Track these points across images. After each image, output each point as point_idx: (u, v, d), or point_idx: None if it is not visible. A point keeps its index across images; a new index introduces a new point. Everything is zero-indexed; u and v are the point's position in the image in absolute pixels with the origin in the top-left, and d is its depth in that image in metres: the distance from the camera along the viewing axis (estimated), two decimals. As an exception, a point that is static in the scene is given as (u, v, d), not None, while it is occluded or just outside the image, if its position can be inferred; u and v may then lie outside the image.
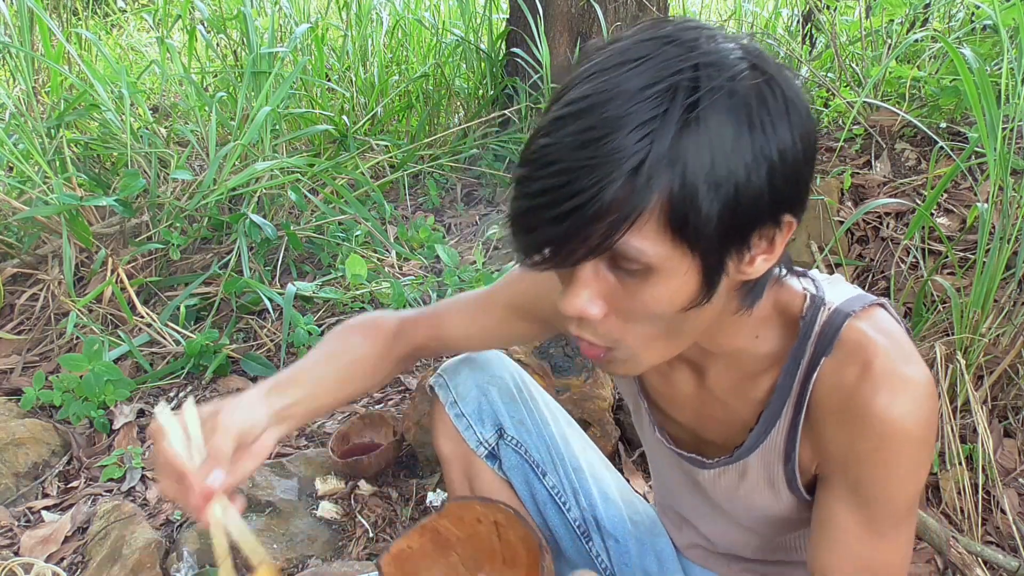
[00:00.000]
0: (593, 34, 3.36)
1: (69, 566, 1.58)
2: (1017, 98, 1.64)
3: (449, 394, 1.15)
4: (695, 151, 0.62)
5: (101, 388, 2.00)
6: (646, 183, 0.61)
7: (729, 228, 0.65)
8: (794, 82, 0.68)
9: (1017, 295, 1.68)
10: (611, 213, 0.62)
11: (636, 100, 0.62)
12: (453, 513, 0.94)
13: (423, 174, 3.34)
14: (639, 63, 0.64)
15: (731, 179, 0.63)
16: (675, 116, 0.61)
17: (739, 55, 0.65)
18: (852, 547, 0.81)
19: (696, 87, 0.62)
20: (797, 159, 0.66)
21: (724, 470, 0.92)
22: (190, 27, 3.38)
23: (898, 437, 0.75)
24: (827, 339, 0.79)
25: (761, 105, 0.64)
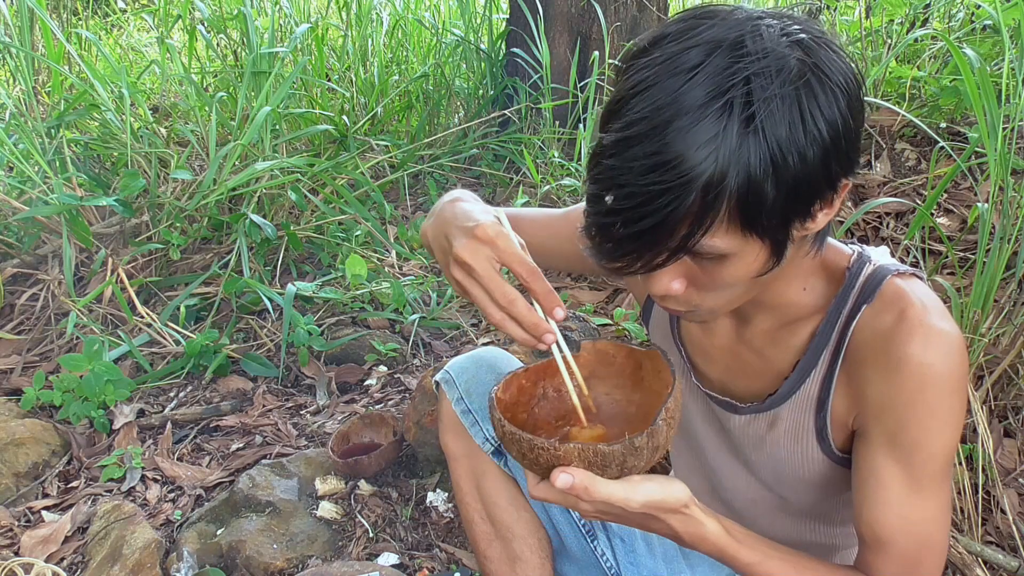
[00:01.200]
0: (593, 34, 3.36)
1: (69, 566, 1.58)
2: (1017, 98, 1.63)
3: (455, 390, 1.15)
4: (756, 156, 0.66)
5: (101, 388, 2.00)
6: (715, 196, 0.67)
7: (792, 208, 0.71)
8: (835, 58, 0.72)
9: (1017, 295, 1.67)
10: (684, 227, 0.69)
11: (696, 119, 0.66)
12: (655, 361, 0.89)
13: (423, 174, 3.34)
14: (693, 75, 0.67)
15: (789, 170, 0.68)
16: (734, 131, 0.66)
17: (785, 49, 0.69)
18: (895, 502, 0.85)
19: (750, 100, 0.66)
20: (847, 129, 0.71)
21: (755, 417, 0.96)
22: (190, 27, 3.38)
23: (932, 382, 0.80)
24: (870, 290, 0.85)
25: (811, 98, 0.68)
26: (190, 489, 1.79)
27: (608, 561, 1.13)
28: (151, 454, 1.90)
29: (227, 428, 2.00)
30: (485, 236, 0.78)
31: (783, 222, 0.72)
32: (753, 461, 1.00)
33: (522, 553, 1.13)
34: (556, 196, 2.86)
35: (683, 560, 1.15)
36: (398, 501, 1.71)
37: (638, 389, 0.91)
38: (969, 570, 1.36)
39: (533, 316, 0.77)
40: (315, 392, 2.14)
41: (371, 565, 1.47)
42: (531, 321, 0.77)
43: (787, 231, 0.73)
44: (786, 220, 0.72)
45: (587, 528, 1.14)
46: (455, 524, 1.63)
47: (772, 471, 0.98)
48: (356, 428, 1.84)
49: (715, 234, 0.70)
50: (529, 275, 0.78)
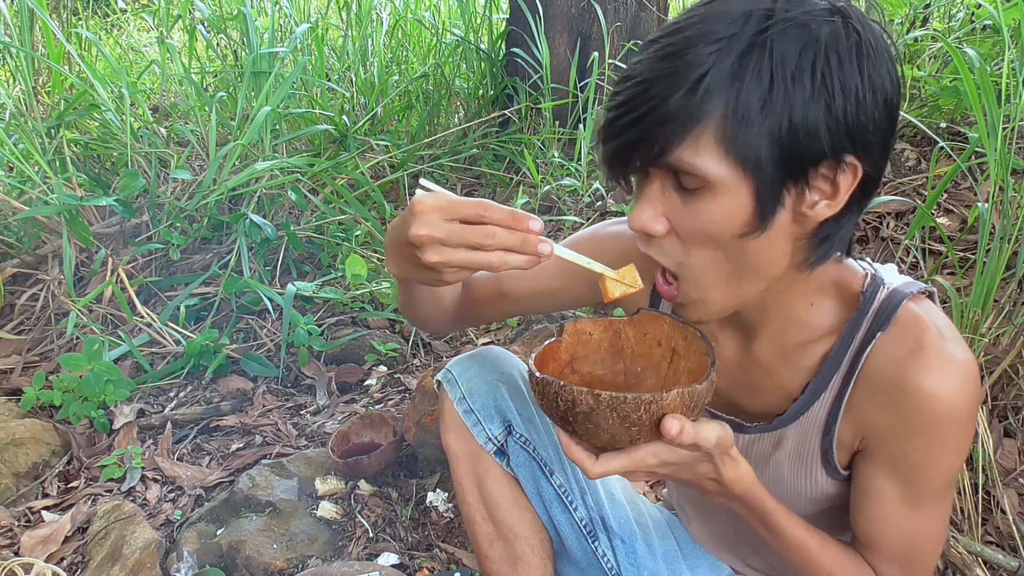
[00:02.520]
0: (593, 34, 3.36)
1: (69, 566, 1.58)
2: (1017, 98, 1.63)
3: (458, 390, 1.15)
4: (755, 73, 0.66)
5: (101, 388, 2.00)
6: (705, 94, 0.67)
7: (783, 155, 0.69)
8: (879, 35, 0.71)
9: (1017, 295, 1.68)
10: (673, 120, 0.68)
11: (717, 22, 0.67)
12: (642, 324, 0.91)
13: (423, 174, 3.34)
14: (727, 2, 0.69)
15: (787, 106, 0.67)
16: (744, 37, 0.66)
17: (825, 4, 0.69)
18: (892, 517, 0.85)
19: (771, 15, 0.67)
20: (864, 102, 0.69)
21: (760, 437, 0.94)
22: (190, 27, 3.38)
23: (943, 415, 0.79)
24: (885, 316, 0.83)
25: (832, 42, 0.67)
26: (190, 489, 1.79)
27: (609, 562, 1.13)
28: (151, 454, 1.90)
29: (227, 428, 2.00)
30: (425, 207, 0.75)
31: (772, 168, 0.69)
32: None
33: (524, 554, 1.13)
34: (556, 196, 2.86)
35: (683, 560, 1.15)
36: (398, 501, 1.71)
37: (620, 358, 0.92)
38: (969, 570, 1.36)
39: (517, 235, 0.75)
40: (315, 392, 2.14)
41: (371, 565, 1.47)
42: (518, 240, 0.75)
43: (776, 185, 0.70)
44: (776, 167, 0.69)
45: (588, 529, 1.14)
46: (455, 524, 1.63)
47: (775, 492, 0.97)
48: (356, 428, 1.84)
49: (699, 145, 0.69)
50: (484, 209, 0.75)
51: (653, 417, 0.74)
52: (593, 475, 0.77)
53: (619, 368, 0.91)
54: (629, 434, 0.75)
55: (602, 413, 0.73)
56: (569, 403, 0.74)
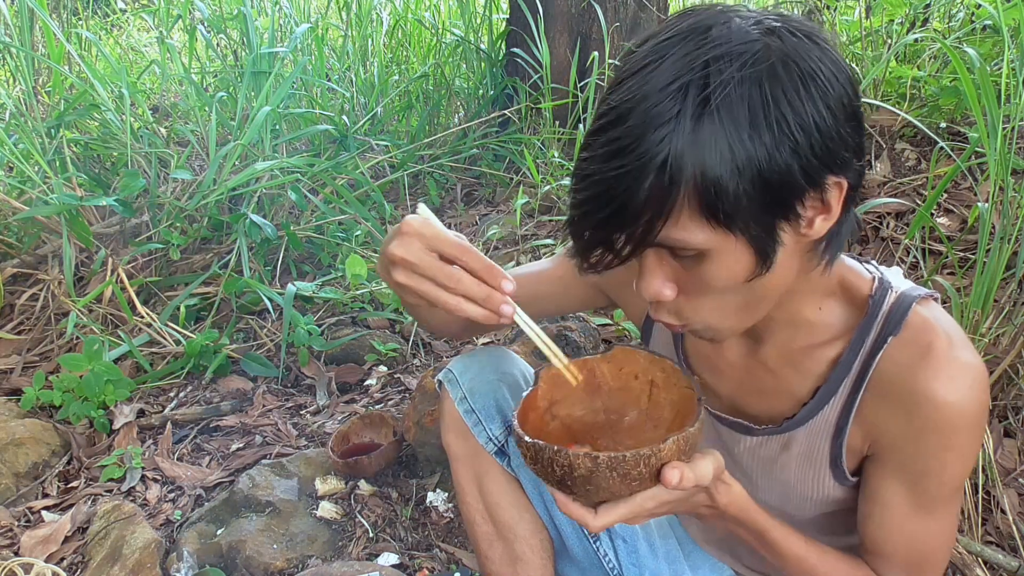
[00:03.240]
0: (593, 34, 3.36)
1: (69, 566, 1.58)
2: (1017, 98, 1.63)
3: (458, 389, 1.15)
4: (712, 143, 0.65)
5: (101, 388, 2.00)
6: (671, 180, 0.66)
7: (765, 205, 0.68)
8: (816, 52, 0.69)
9: (1017, 295, 1.68)
10: (646, 212, 0.67)
11: (654, 103, 0.65)
12: (616, 359, 0.91)
13: (423, 174, 3.34)
14: (658, 64, 0.67)
15: (752, 162, 0.66)
16: (688, 114, 0.65)
17: (754, 37, 0.67)
18: (900, 522, 0.85)
19: (707, 83, 0.65)
20: (826, 125, 0.68)
21: (767, 439, 0.94)
22: (190, 27, 3.38)
23: (953, 420, 0.79)
24: (895, 320, 0.83)
25: (776, 85, 0.66)
26: (190, 489, 1.79)
27: (611, 562, 1.13)
28: (151, 454, 1.90)
29: (227, 428, 2.00)
30: (411, 229, 0.76)
31: (757, 219, 0.69)
32: (759, 485, 0.99)
33: (524, 554, 1.13)
34: (556, 196, 2.86)
35: (684, 560, 1.15)
36: (398, 501, 1.71)
37: (597, 396, 0.91)
38: (969, 570, 1.36)
39: (484, 288, 0.76)
40: (315, 392, 2.14)
41: (371, 565, 1.47)
42: (483, 294, 0.75)
43: (768, 230, 0.70)
44: (760, 217, 0.69)
45: (589, 529, 1.14)
46: (455, 524, 1.63)
47: (780, 494, 0.97)
48: (356, 428, 1.84)
49: (679, 224, 0.68)
50: (462, 253, 0.75)
51: (652, 469, 0.73)
52: (595, 529, 0.77)
53: (598, 406, 0.91)
54: (629, 488, 0.75)
55: (601, 474, 0.73)
56: (566, 468, 0.73)
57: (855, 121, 0.71)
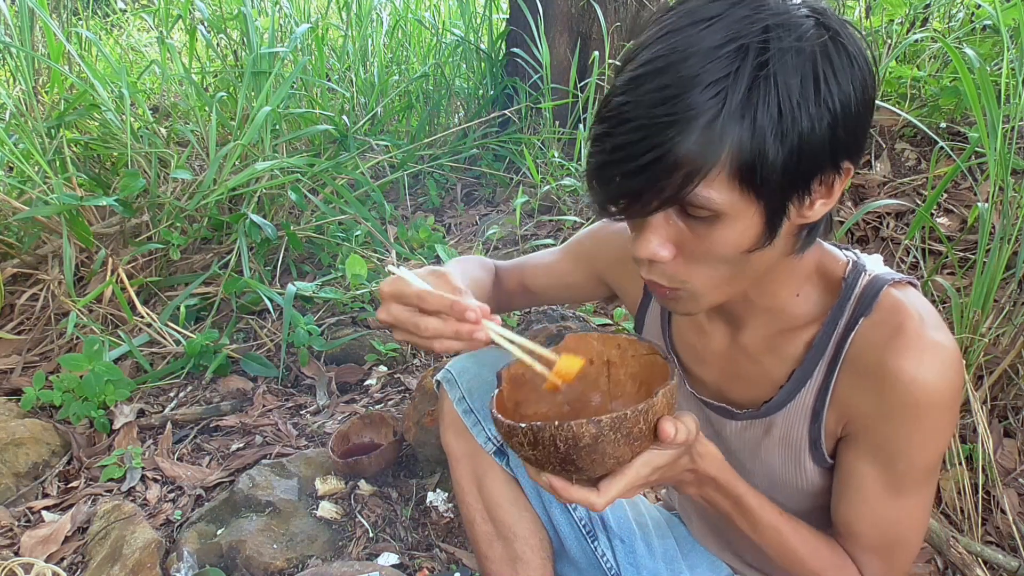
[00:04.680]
0: (593, 34, 3.36)
1: (69, 566, 1.58)
2: (1017, 98, 1.63)
3: (457, 390, 1.15)
4: (764, 107, 0.66)
5: (101, 388, 2.00)
6: (719, 137, 0.66)
7: (793, 175, 0.69)
8: (856, 36, 0.72)
9: (1017, 295, 1.68)
10: (685, 166, 0.67)
11: (710, 59, 0.66)
12: (569, 348, 0.90)
13: (423, 174, 3.34)
14: (711, 23, 0.68)
15: (796, 131, 0.67)
16: (746, 74, 0.66)
17: (806, 13, 0.69)
18: (872, 503, 0.86)
19: (766, 47, 0.66)
20: (858, 108, 0.70)
21: (751, 423, 0.95)
22: (190, 27, 3.38)
23: (923, 400, 0.79)
24: (867, 301, 0.84)
25: (826, 61, 0.68)
26: (190, 489, 1.79)
27: (608, 562, 1.13)
28: (151, 454, 1.90)
29: (227, 428, 2.00)
30: (385, 292, 0.81)
31: (781, 189, 0.70)
32: (748, 469, 0.99)
33: (523, 554, 1.13)
34: (556, 196, 2.86)
35: (682, 560, 1.15)
36: (398, 501, 1.71)
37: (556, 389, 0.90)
38: (969, 570, 1.36)
39: (452, 325, 0.78)
40: (315, 392, 2.14)
41: (371, 565, 1.47)
42: (452, 331, 0.79)
43: (784, 202, 0.72)
44: (785, 187, 0.70)
45: (588, 529, 1.14)
46: (455, 524, 1.63)
47: (767, 478, 0.98)
48: (356, 428, 1.84)
49: (712, 183, 0.68)
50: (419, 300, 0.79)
51: (650, 425, 0.74)
52: (600, 507, 0.77)
53: (559, 399, 0.91)
54: (631, 450, 0.75)
55: (606, 437, 0.73)
56: (570, 442, 0.72)
57: (871, 111, 0.73)
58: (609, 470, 0.76)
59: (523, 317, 2.36)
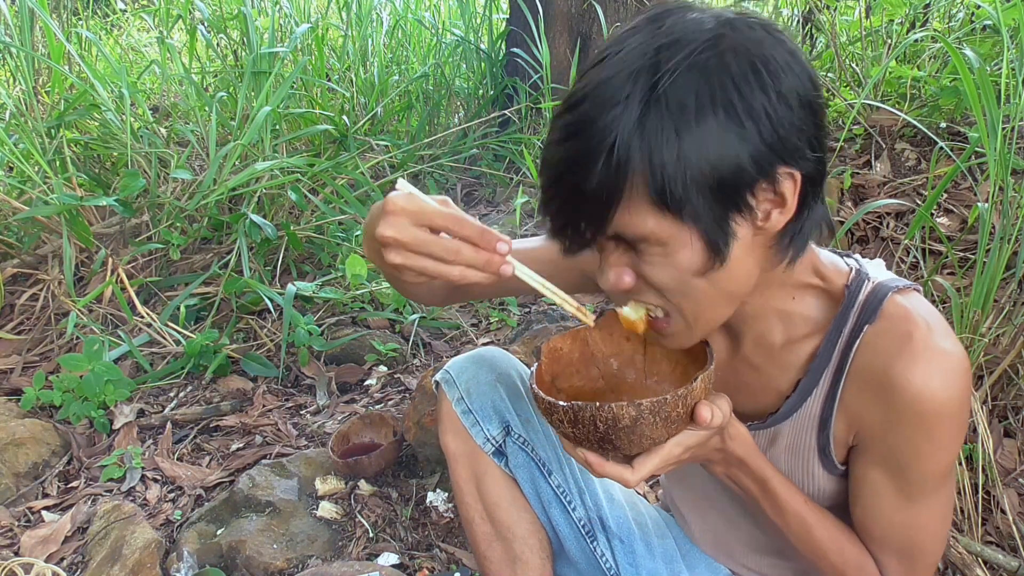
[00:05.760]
0: (593, 34, 3.36)
1: (69, 566, 1.58)
2: (1017, 98, 1.63)
3: (456, 391, 1.15)
4: (659, 128, 0.66)
5: (101, 388, 2.00)
6: (622, 163, 0.67)
7: (714, 194, 0.68)
8: (769, 41, 0.70)
9: (1017, 295, 1.68)
10: (599, 195, 0.69)
11: (607, 89, 0.67)
12: (607, 324, 0.92)
13: (423, 174, 3.34)
14: (616, 53, 0.69)
15: (699, 149, 0.66)
16: (636, 98, 0.66)
17: (708, 27, 0.68)
18: (887, 510, 0.86)
19: (656, 69, 0.66)
20: (778, 115, 0.68)
21: (756, 434, 0.95)
22: (190, 27, 3.38)
23: (932, 410, 0.79)
24: (871, 309, 0.83)
25: (724, 74, 0.67)
26: (190, 489, 1.79)
27: (608, 562, 1.13)
28: (151, 454, 1.90)
29: (227, 428, 2.00)
30: (396, 207, 0.74)
31: (707, 208, 0.69)
32: None
33: (522, 554, 1.13)
34: (556, 196, 2.85)
35: (681, 560, 1.15)
36: (398, 501, 1.71)
37: (592, 363, 0.93)
38: (969, 570, 1.36)
39: (482, 254, 0.75)
40: (315, 392, 2.14)
41: (371, 565, 1.47)
42: (483, 259, 0.75)
43: (719, 221, 0.70)
44: (710, 206, 0.69)
45: (587, 529, 1.14)
46: (455, 524, 1.63)
47: None
48: (356, 428, 1.84)
49: (631, 210, 0.69)
50: (454, 223, 0.74)
51: (688, 409, 0.76)
52: (633, 483, 0.79)
53: (595, 374, 0.92)
54: (668, 432, 0.77)
55: (645, 420, 0.75)
56: (610, 422, 0.75)
57: (811, 112, 0.71)
58: (644, 449, 0.79)
59: (523, 317, 2.36)
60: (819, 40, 3.39)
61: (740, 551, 1.11)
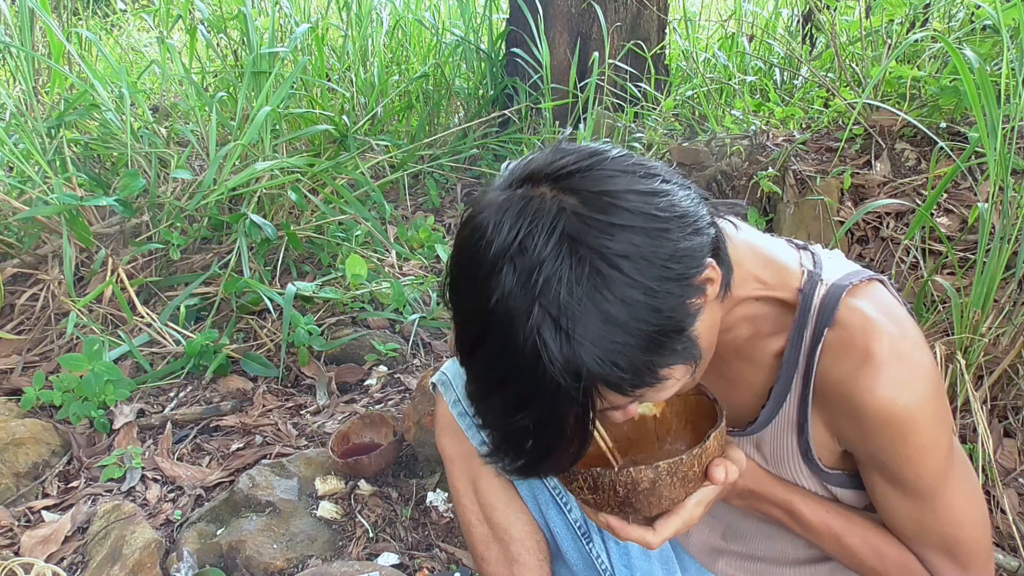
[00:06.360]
0: (593, 34, 3.36)
1: (69, 566, 1.58)
2: (1017, 98, 1.63)
3: (452, 392, 1.15)
4: (591, 356, 0.67)
5: (101, 388, 2.00)
6: (580, 402, 0.68)
7: (663, 348, 0.69)
8: (607, 221, 0.67)
9: (1017, 295, 1.67)
10: (577, 424, 0.70)
11: (522, 358, 0.67)
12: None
13: (423, 174, 3.34)
14: (495, 312, 0.68)
15: (631, 344, 0.67)
16: (557, 350, 0.66)
17: (559, 252, 0.66)
18: (907, 513, 0.87)
19: (552, 317, 0.65)
20: (663, 271, 0.68)
21: (740, 441, 0.96)
22: (190, 27, 3.38)
23: (903, 420, 0.79)
24: (827, 312, 0.83)
25: (599, 279, 0.66)
26: (190, 489, 1.79)
27: (603, 563, 1.13)
28: (151, 454, 1.90)
29: (227, 428, 2.00)
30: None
31: (664, 359, 0.70)
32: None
33: (520, 555, 1.13)
34: (556, 196, 2.85)
35: (676, 561, 1.15)
36: (398, 501, 1.71)
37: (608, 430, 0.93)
38: (969, 570, 1.36)
39: None
40: (315, 392, 2.14)
41: (371, 565, 1.47)
42: None
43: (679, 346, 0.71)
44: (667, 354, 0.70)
45: (583, 530, 1.14)
46: (455, 524, 1.63)
47: None
48: (356, 428, 1.84)
49: (610, 400, 0.71)
50: None
51: (703, 467, 0.79)
52: (656, 545, 0.81)
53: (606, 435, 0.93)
54: (686, 491, 0.80)
55: (663, 481, 0.77)
56: (629, 486, 0.77)
57: (674, 218, 0.70)
58: (663, 510, 0.81)
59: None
60: (819, 40, 3.39)
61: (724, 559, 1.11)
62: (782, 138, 2.49)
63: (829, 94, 2.63)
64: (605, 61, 3.14)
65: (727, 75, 3.26)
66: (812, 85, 2.76)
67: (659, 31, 3.55)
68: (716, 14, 4.36)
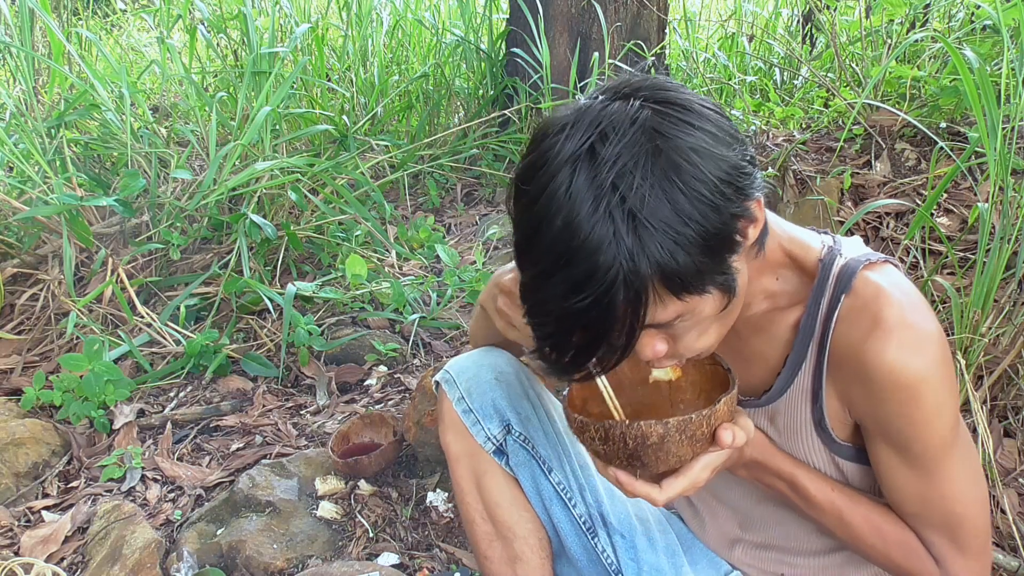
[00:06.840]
0: (593, 34, 3.36)
1: (69, 566, 1.58)
2: (1017, 98, 1.63)
3: (456, 390, 1.15)
4: (654, 244, 0.69)
5: (101, 388, 2.00)
6: (637, 291, 0.71)
7: (714, 257, 0.73)
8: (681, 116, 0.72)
9: (1017, 295, 1.67)
10: (625, 322, 0.73)
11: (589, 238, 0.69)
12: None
13: (423, 174, 3.34)
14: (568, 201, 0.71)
15: (692, 239, 0.70)
16: (624, 231, 0.69)
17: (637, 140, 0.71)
18: (910, 487, 0.88)
19: (624, 198, 0.69)
20: (728, 172, 0.73)
21: (754, 412, 0.97)
22: (190, 27, 3.38)
23: (912, 381, 0.81)
24: (844, 281, 0.86)
25: (679, 174, 0.70)
26: (190, 489, 1.79)
27: (609, 558, 1.13)
28: (151, 454, 1.90)
29: (227, 428, 2.00)
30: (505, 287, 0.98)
31: (714, 271, 0.74)
32: None
33: (523, 553, 1.13)
34: (556, 196, 2.85)
35: (683, 554, 1.15)
36: (398, 501, 1.71)
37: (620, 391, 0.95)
38: (969, 570, 1.36)
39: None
40: (315, 392, 2.14)
41: (371, 565, 1.47)
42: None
43: (721, 272, 0.75)
44: (715, 268, 0.74)
45: (587, 525, 1.14)
46: (455, 524, 1.63)
47: None
48: (356, 428, 1.84)
49: (658, 309, 0.73)
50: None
51: (711, 429, 0.81)
52: (661, 503, 0.84)
53: (622, 401, 0.95)
54: (694, 450, 0.82)
55: (672, 438, 0.80)
56: (639, 439, 0.80)
57: (737, 142, 0.75)
58: (671, 467, 0.84)
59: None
60: (819, 40, 3.39)
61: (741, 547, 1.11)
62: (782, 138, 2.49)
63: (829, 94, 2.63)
64: (605, 61, 3.14)
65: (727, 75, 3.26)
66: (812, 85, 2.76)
67: (659, 31, 3.55)
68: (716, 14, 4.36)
